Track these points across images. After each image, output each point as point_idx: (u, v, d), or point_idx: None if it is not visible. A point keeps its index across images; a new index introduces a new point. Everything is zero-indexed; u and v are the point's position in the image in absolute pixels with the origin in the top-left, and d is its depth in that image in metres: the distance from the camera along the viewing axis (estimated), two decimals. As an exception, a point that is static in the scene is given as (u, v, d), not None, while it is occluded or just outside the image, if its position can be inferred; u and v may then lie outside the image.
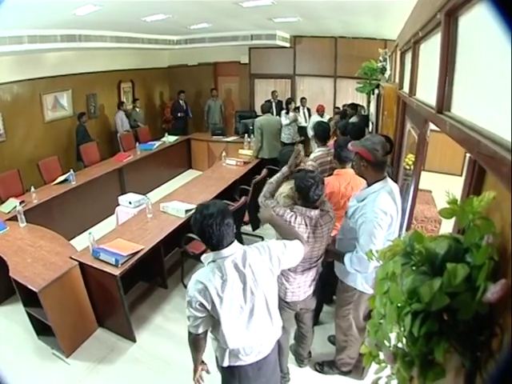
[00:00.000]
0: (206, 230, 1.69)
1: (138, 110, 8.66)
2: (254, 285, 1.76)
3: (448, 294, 0.75)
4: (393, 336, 0.95)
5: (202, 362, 2.20)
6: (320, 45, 8.55)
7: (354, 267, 2.31)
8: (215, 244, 1.73)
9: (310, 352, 3.12)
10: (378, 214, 2.14)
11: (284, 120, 7.27)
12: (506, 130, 0.80)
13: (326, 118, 6.98)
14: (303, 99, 8.35)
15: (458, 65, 1.37)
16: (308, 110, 8.32)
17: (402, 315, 0.82)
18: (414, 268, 0.85)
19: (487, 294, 0.72)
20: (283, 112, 7.69)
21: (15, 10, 3.73)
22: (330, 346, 3.19)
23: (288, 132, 7.36)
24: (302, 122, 7.92)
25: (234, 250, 1.76)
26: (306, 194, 2.31)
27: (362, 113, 6.85)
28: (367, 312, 2.59)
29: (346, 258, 2.36)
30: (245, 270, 1.74)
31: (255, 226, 4.82)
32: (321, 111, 7.51)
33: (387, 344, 0.97)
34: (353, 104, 7.07)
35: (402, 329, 0.84)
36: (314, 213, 2.34)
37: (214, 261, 1.77)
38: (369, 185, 2.29)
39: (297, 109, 7.93)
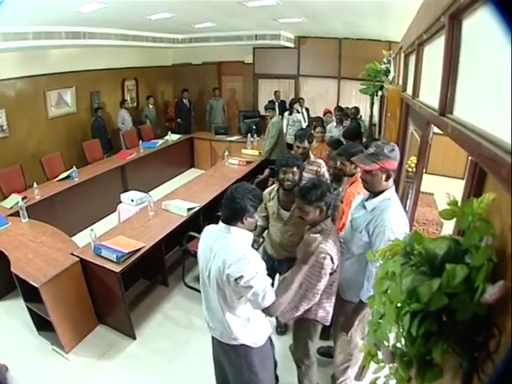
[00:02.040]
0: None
1: (150, 106, 8.77)
2: (211, 262, 1.92)
3: (447, 295, 0.76)
4: (392, 336, 0.95)
5: None
6: (324, 46, 8.54)
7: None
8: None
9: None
10: (397, 223, 2.01)
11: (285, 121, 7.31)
12: (508, 133, 0.80)
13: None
14: (301, 99, 8.29)
15: (461, 68, 1.37)
16: (307, 109, 8.28)
17: (400, 315, 0.83)
18: (413, 268, 0.85)
19: (486, 295, 0.73)
20: (286, 113, 7.67)
21: (20, 6, 3.75)
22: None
23: (292, 133, 7.29)
24: (301, 121, 7.86)
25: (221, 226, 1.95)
26: (329, 206, 2.26)
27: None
28: None
29: (363, 294, 2.17)
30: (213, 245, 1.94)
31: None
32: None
33: (386, 343, 0.97)
34: (355, 107, 7.04)
35: (401, 328, 0.85)
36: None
37: None
38: (377, 193, 2.14)
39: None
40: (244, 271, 1.76)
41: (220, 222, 1.95)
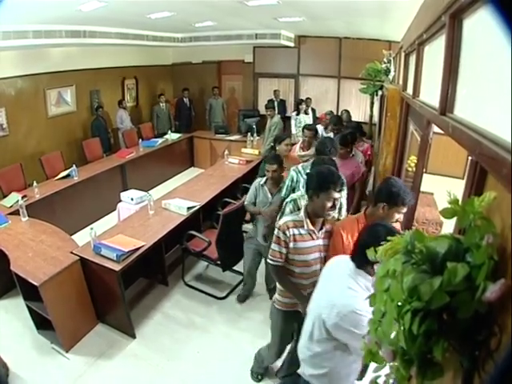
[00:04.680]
0: None
1: (161, 105, 8.67)
2: None
3: (448, 293, 0.76)
4: (393, 334, 0.95)
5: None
6: (324, 45, 8.52)
7: None
8: None
9: None
10: None
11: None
12: (508, 132, 0.80)
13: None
14: (308, 99, 8.25)
15: (462, 67, 1.37)
16: (313, 110, 8.24)
17: (401, 313, 0.83)
18: (414, 266, 0.85)
19: (486, 294, 0.73)
20: (293, 114, 7.63)
21: (21, 4, 3.74)
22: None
23: (299, 134, 7.26)
24: (307, 122, 7.83)
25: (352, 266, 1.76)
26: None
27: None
28: None
29: None
30: None
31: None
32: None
33: (387, 342, 0.97)
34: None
35: (402, 327, 0.85)
36: None
37: None
38: None
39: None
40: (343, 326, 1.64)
41: (352, 262, 1.75)
